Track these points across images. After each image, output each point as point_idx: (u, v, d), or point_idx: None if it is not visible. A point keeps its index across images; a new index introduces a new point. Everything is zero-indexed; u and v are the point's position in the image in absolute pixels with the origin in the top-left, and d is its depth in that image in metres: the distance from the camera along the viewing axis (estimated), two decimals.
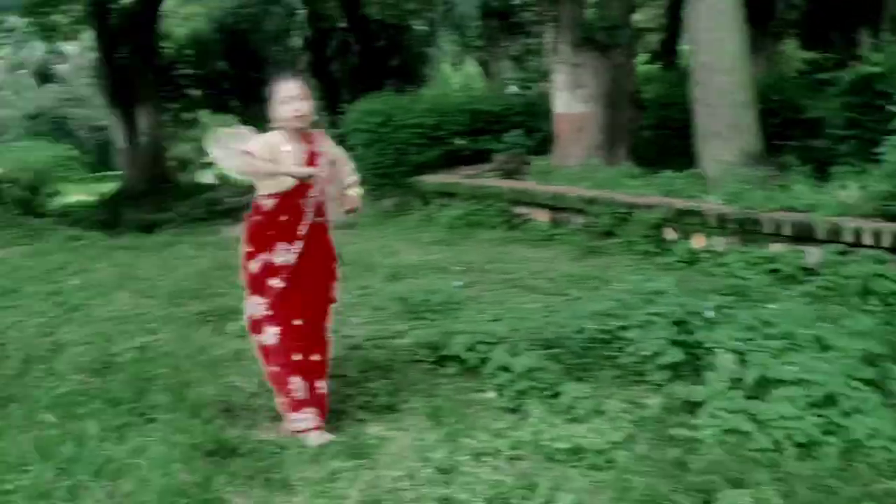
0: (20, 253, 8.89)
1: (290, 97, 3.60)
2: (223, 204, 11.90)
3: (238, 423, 3.83)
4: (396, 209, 10.80)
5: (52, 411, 3.88)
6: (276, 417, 3.79)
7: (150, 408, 3.96)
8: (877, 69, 7.61)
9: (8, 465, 3.23)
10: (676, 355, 4.04)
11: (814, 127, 8.92)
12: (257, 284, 3.73)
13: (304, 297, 3.73)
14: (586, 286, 6.24)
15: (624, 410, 3.70)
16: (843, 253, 5.74)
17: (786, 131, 9.29)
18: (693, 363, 4.04)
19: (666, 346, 4.08)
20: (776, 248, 6.29)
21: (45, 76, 41.00)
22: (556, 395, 3.91)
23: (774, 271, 6.09)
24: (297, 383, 3.64)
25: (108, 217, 16.20)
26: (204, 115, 36.59)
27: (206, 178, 31.25)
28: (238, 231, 4.05)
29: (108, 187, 26.61)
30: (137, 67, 17.20)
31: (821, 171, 7.29)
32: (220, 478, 3.19)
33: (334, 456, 3.39)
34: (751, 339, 3.86)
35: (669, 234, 7.25)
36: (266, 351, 3.74)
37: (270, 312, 3.69)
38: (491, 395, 4.05)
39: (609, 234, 7.79)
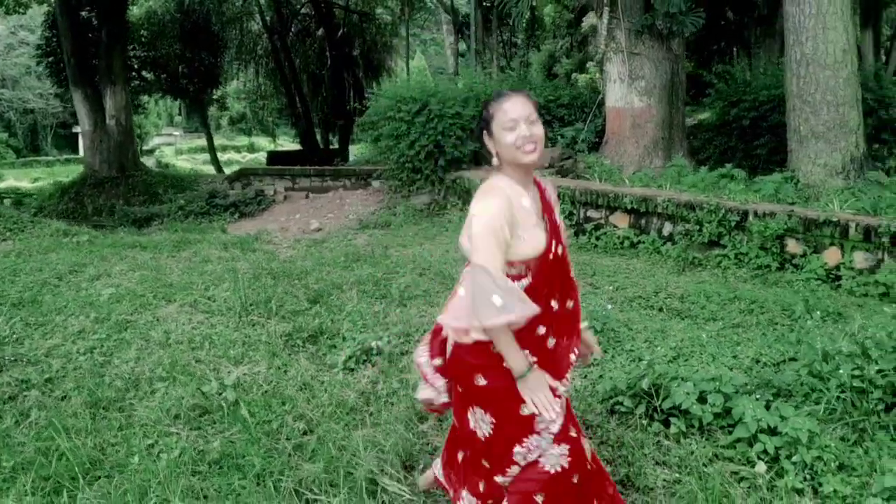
0: (11, 251, 7.42)
1: (518, 118, 2.25)
2: (225, 197, 10.52)
3: None
4: (431, 208, 9.70)
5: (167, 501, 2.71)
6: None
7: (304, 483, 2.86)
8: None
9: None
10: None
11: None
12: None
13: None
14: (731, 308, 5.38)
15: None
16: None
17: (880, 133, 8.47)
18: None
19: None
20: None
21: None
22: (843, 468, 3.02)
23: None
24: None
25: (72, 207, 14.61)
26: (153, 100, 34.58)
27: (149, 164, 29.29)
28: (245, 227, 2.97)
29: (40, 173, 24.66)
30: (105, 43, 15.49)
31: None
32: None
33: None
34: None
35: (794, 246, 6.37)
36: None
37: None
38: (761, 468, 3.06)
39: (713, 244, 6.89)
